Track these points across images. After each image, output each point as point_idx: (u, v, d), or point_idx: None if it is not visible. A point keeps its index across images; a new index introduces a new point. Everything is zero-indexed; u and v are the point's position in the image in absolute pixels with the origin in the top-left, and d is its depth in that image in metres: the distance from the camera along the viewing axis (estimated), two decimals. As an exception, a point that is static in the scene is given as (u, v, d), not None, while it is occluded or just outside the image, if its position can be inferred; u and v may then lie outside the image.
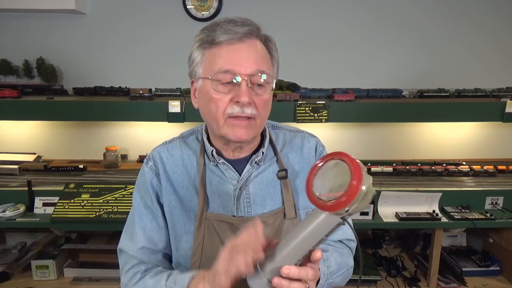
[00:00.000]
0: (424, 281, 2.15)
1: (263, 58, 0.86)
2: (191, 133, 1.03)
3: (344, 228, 1.03)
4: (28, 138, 2.58)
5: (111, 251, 2.16)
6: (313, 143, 1.05)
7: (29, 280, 2.10)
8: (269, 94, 0.88)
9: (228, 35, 0.83)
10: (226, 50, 0.83)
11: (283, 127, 1.07)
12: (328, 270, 0.88)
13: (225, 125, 0.86)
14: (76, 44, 2.51)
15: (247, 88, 0.82)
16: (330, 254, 0.93)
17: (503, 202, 2.07)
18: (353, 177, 0.59)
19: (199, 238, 0.92)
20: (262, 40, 0.89)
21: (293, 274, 0.68)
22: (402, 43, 2.56)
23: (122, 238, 0.99)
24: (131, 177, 2.24)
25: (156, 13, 2.50)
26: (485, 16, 2.53)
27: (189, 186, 0.96)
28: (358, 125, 2.61)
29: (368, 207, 1.96)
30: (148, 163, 1.00)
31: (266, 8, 2.49)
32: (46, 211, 1.96)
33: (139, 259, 0.95)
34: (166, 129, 2.54)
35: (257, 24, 0.87)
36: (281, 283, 0.68)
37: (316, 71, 2.56)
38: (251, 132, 0.87)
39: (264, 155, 0.96)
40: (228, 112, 0.84)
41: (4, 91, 2.25)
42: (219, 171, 0.95)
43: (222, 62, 0.83)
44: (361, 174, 0.59)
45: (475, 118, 2.39)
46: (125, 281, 0.95)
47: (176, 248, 0.96)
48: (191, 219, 0.94)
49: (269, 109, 0.92)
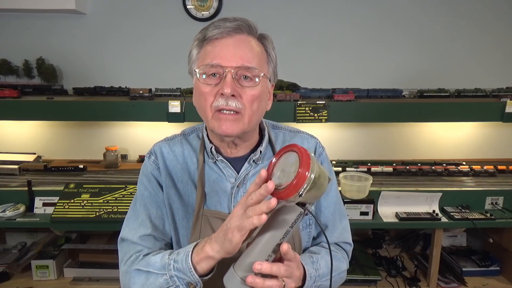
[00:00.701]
0: (424, 281, 2.15)
1: (253, 53, 0.87)
2: (193, 131, 1.05)
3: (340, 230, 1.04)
4: (28, 138, 2.58)
5: (111, 251, 2.16)
6: (312, 144, 1.05)
7: (29, 280, 2.10)
8: (259, 90, 0.87)
9: (217, 30, 0.86)
10: (215, 45, 0.86)
11: (283, 127, 1.08)
12: (317, 272, 0.88)
13: (213, 119, 0.87)
14: (76, 44, 2.51)
15: (232, 80, 0.84)
16: (321, 257, 0.94)
17: (503, 202, 2.06)
18: (300, 165, 0.64)
19: (196, 234, 0.93)
20: (256, 37, 0.90)
21: (265, 270, 0.68)
22: (402, 43, 2.56)
23: (124, 227, 0.99)
24: (131, 177, 2.24)
25: (156, 13, 2.50)
26: (485, 16, 2.53)
27: (188, 182, 0.97)
28: (358, 125, 2.61)
29: (368, 207, 1.96)
30: (150, 157, 1.01)
31: (266, 8, 2.49)
32: (46, 211, 1.96)
33: (143, 246, 0.94)
34: (166, 129, 2.54)
35: (249, 21, 0.88)
36: (255, 281, 0.68)
37: (316, 71, 2.56)
38: (237, 127, 0.86)
39: (262, 154, 0.97)
40: (214, 105, 0.86)
41: (4, 91, 2.25)
42: (217, 168, 0.97)
43: (210, 57, 0.85)
44: (308, 161, 0.64)
45: (475, 118, 2.39)
46: (126, 268, 0.91)
47: (176, 241, 0.98)
48: (189, 214, 0.96)
49: (263, 106, 0.92)
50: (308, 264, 0.87)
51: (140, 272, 0.87)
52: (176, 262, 0.80)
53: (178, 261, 0.80)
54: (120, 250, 0.97)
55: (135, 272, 0.88)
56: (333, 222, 1.04)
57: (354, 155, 2.60)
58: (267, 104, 0.95)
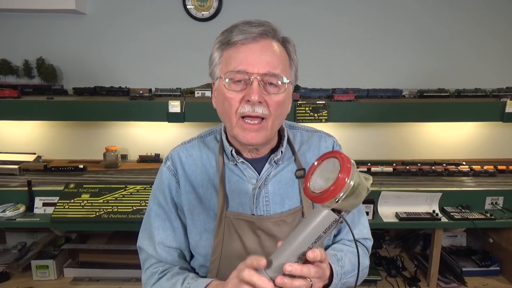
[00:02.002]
0: (424, 281, 2.15)
1: (279, 59, 0.87)
2: (210, 133, 1.05)
3: (360, 227, 1.06)
4: (28, 138, 2.58)
5: (111, 251, 2.16)
6: (330, 143, 1.07)
7: (29, 280, 2.10)
8: (283, 95, 0.88)
9: (243, 35, 0.85)
10: (241, 50, 0.85)
11: (300, 127, 1.09)
12: (342, 270, 0.88)
13: (237, 126, 0.88)
14: (76, 44, 2.51)
15: (258, 87, 0.84)
16: (345, 254, 0.94)
17: (503, 202, 2.07)
18: (340, 171, 0.65)
19: (219, 237, 0.93)
20: (280, 41, 0.90)
21: (296, 271, 0.68)
22: (402, 43, 2.56)
23: (140, 236, 1.02)
24: (131, 177, 2.24)
25: (156, 13, 2.50)
26: (485, 15, 2.53)
27: (208, 185, 0.97)
28: (358, 125, 2.61)
29: (368, 207, 1.96)
30: (166, 163, 1.01)
31: (266, 8, 2.49)
32: (46, 211, 1.96)
33: (157, 258, 0.98)
34: (166, 129, 2.54)
35: (274, 25, 0.88)
36: (284, 281, 0.69)
37: (316, 71, 2.56)
38: (262, 136, 0.88)
39: (282, 155, 0.97)
40: (240, 111, 0.86)
41: (4, 91, 2.25)
42: (238, 170, 0.97)
43: (236, 62, 0.85)
44: (348, 168, 0.65)
45: (475, 118, 2.40)
46: (145, 280, 0.98)
47: (196, 246, 0.98)
48: (211, 217, 0.96)
49: (285, 111, 0.93)
50: (334, 263, 0.87)
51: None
52: None
53: None
54: (140, 256, 1.03)
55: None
56: (352, 220, 1.05)
57: (354, 155, 2.59)
58: (288, 108, 0.95)
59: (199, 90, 2.29)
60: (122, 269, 2.12)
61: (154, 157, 2.51)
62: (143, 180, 2.16)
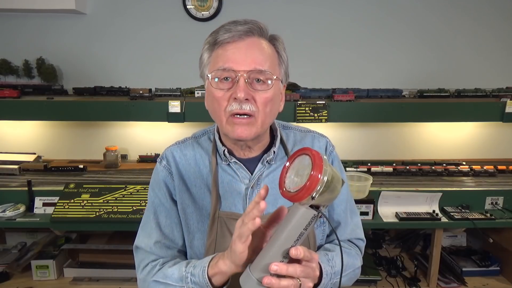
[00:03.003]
0: (424, 281, 2.15)
1: (265, 55, 0.87)
2: (203, 133, 1.05)
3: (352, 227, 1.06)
4: (28, 138, 2.58)
5: (111, 251, 2.16)
6: (323, 143, 1.07)
7: (29, 280, 2.10)
8: (272, 92, 0.88)
9: (229, 34, 0.85)
10: (227, 49, 0.86)
11: (293, 127, 1.09)
12: (332, 270, 0.88)
13: (227, 124, 0.88)
14: (76, 44, 2.51)
15: (245, 84, 0.84)
16: (336, 254, 0.94)
17: (503, 202, 2.07)
18: (312, 168, 0.65)
19: (212, 236, 0.94)
20: (267, 39, 0.90)
21: (281, 271, 0.69)
22: (402, 43, 2.56)
23: (139, 235, 1.01)
24: (131, 177, 2.24)
25: (156, 13, 2.50)
26: (485, 15, 2.53)
27: (201, 185, 0.97)
28: (358, 125, 2.61)
29: (368, 207, 1.96)
30: (161, 162, 1.01)
31: (266, 8, 2.49)
32: (46, 211, 1.96)
33: (156, 255, 0.97)
34: (166, 129, 2.54)
35: (260, 23, 0.88)
36: (271, 281, 0.69)
37: (316, 71, 2.56)
38: (251, 131, 0.88)
39: (275, 155, 0.98)
40: (228, 109, 0.86)
41: (4, 91, 2.25)
42: (231, 170, 0.97)
43: (222, 61, 0.85)
44: (321, 164, 0.65)
45: (475, 118, 2.39)
46: (143, 276, 0.96)
47: (190, 245, 0.98)
48: (204, 217, 0.96)
49: (275, 107, 0.93)
50: (324, 262, 0.87)
51: (158, 283, 0.90)
52: (193, 275, 0.83)
53: (195, 275, 0.83)
54: (135, 257, 1.00)
55: (153, 283, 0.92)
56: (345, 219, 1.05)
57: (354, 155, 2.60)
58: (279, 106, 0.96)
59: (199, 90, 2.29)
60: (122, 269, 2.12)
61: (154, 157, 2.51)
62: (143, 180, 2.16)
